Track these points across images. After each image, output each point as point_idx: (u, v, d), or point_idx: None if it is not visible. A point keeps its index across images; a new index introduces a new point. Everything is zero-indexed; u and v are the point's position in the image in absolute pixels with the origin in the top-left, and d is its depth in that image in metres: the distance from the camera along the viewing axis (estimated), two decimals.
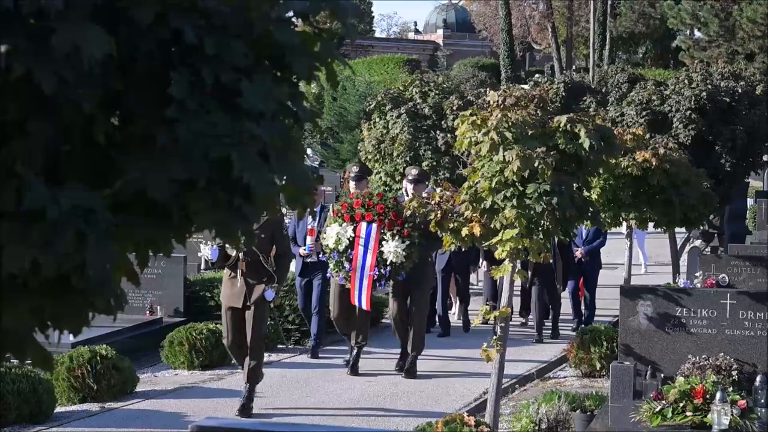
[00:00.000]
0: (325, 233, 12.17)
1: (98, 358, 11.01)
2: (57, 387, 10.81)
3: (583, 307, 16.27)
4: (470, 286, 17.31)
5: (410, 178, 13.34)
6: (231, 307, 10.57)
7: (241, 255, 10.40)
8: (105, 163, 2.08)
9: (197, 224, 2.23)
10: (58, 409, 10.59)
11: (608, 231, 16.74)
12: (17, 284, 1.96)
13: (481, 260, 16.04)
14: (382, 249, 11.79)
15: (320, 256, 12.96)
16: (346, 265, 11.91)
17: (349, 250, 11.89)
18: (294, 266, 13.73)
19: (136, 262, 2.34)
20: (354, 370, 12.58)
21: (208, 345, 12.80)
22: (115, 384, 11.10)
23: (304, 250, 13.59)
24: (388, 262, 11.79)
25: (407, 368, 12.55)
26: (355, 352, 12.71)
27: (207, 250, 10.74)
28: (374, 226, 11.82)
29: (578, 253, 16.14)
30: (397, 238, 11.79)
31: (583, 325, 15.38)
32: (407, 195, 12.86)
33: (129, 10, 2.02)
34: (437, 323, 15.71)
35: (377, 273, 11.83)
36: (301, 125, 2.38)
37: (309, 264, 13.74)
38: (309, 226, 13.42)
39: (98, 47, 1.93)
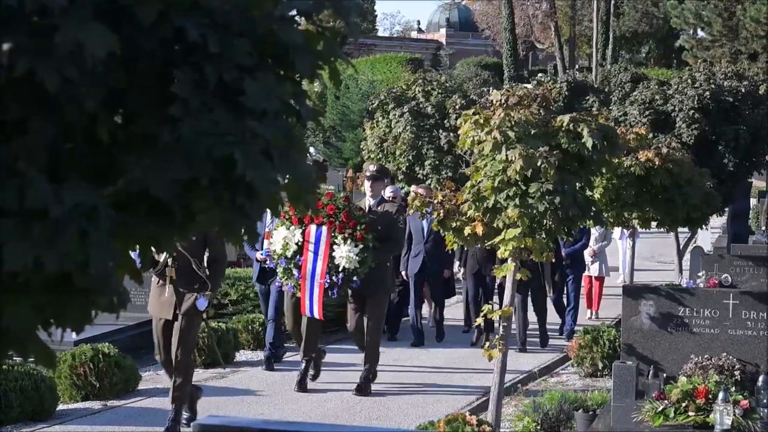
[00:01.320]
0: (272, 237, 11.18)
1: (100, 356, 11.02)
2: (59, 385, 10.82)
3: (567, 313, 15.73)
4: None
5: (368, 174, 12.06)
6: (161, 318, 9.73)
7: (169, 261, 9.50)
8: (107, 161, 2.08)
9: (200, 223, 2.23)
10: (61, 407, 10.60)
11: (608, 231, 16.69)
12: (19, 282, 1.96)
13: (457, 265, 15.40)
14: (334, 254, 10.83)
15: (269, 262, 11.82)
16: (295, 272, 10.96)
17: (298, 256, 10.93)
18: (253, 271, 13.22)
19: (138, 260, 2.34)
20: (302, 387, 11.65)
21: (211, 343, 12.80)
22: (118, 382, 11.11)
23: (261, 254, 12.33)
24: (340, 269, 10.81)
25: (359, 385, 11.60)
26: (303, 366, 11.75)
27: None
28: (324, 229, 10.85)
29: None
30: (349, 241, 10.80)
31: (567, 329, 15.27)
32: (367, 192, 11.96)
33: (132, 9, 2.02)
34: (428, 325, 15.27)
35: (328, 281, 10.83)
36: (304, 124, 2.38)
37: (267, 269, 12.50)
38: (267, 229, 11.92)
39: (101, 45, 1.93)
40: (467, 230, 8.66)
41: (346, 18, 2.41)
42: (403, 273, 14.96)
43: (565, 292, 15.89)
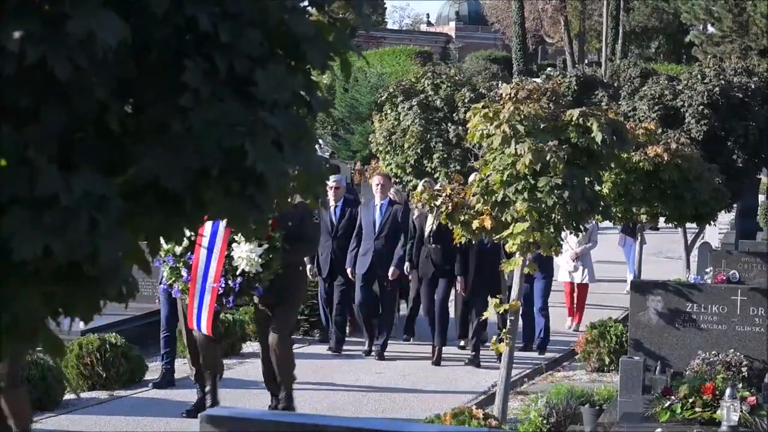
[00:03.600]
0: None
1: (107, 346, 11.03)
2: (66, 374, 10.83)
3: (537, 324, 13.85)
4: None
5: None
6: None
7: None
8: (118, 150, 2.08)
9: (210, 213, 2.23)
10: (67, 397, 10.60)
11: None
12: (29, 271, 1.96)
13: (408, 266, 13.24)
14: (232, 254, 9.03)
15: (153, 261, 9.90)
16: (184, 273, 9.17)
17: (189, 253, 9.12)
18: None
19: (147, 250, 2.33)
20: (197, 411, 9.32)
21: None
22: (124, 372, 11.12)
23: None
24: (239, 272, 9.02)
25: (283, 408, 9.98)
26: (208, 387, 9.95)
27: None
28: (222, 222, 8.18)
29: None
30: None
31: (535, 346, 13.66)
32: None
33: None
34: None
35: (223, 285, 8.99)
36: (315, 115, 2.38)
37: None
38: None
39: (113, 34, 1.92)
40: (475, 224, 8.65)
41: (358, 9, 2.41)
42: (349, 271, 13.21)
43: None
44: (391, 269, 13.05)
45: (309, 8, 2.33)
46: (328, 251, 13.35)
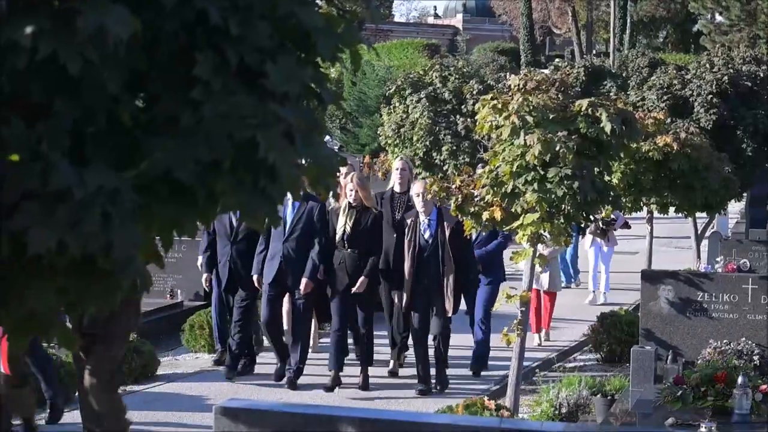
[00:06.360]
0: None
1: None
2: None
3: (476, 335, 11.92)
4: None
5: None
6: None
7: None
8: (130, 144, 2.09)
9: (222, 205, 2.24)
10: None
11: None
12: (43, 265, 1.97)
13: (320, 269, 10.78)
14: None
15: None
16: None
17: None
18: None
19: (160, 244, 2.34)
20: None
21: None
22: (137, 367, 11.14)
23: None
24: None
25: None
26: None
27: None
28: None
29: None
30: None
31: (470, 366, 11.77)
32: None
33: None
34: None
35: None
36: (325, 107, 2.39)
37: None
38: None
39: (123, 28, 1.93)
40: (485, 215, 8.65)
41: (366, 2, 2.42)
42: (255, 279, 10.96)
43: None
44: (304, 281, 10.61)
45: (318, 0, 2.34)
46: (227, 258, 11.42)
